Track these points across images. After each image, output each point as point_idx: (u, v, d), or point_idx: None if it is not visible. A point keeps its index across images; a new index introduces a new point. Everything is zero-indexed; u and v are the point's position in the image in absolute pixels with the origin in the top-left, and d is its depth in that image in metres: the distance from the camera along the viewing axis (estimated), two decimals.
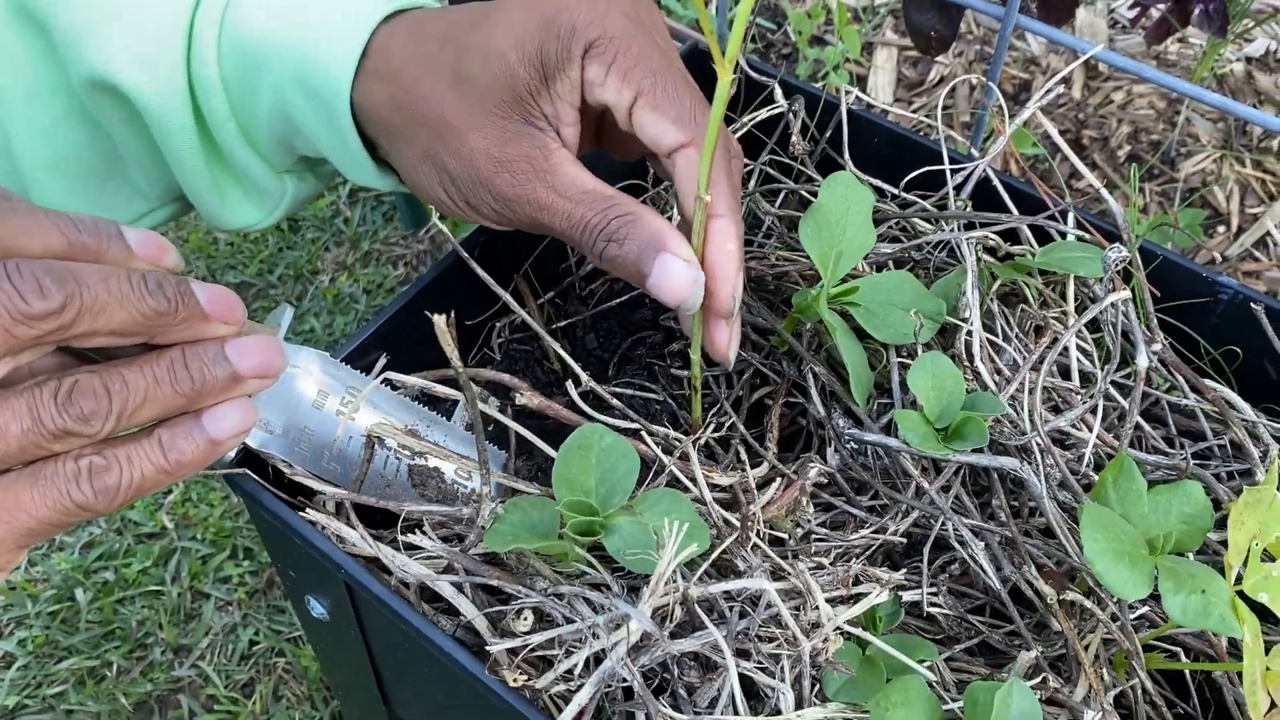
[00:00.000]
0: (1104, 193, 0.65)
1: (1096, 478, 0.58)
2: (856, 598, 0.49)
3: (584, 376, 0.56)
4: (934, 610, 0.52)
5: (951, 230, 0.62)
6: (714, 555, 0.49)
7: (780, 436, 0.61)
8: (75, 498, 0.41)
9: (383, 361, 0.64)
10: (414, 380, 0.55)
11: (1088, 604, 0.50)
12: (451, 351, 0.43)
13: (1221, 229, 1.14)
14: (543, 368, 0.71)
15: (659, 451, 0.54)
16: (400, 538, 0.53)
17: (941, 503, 0.53)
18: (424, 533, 0.54)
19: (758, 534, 0.52)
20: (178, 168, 0.59)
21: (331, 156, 0.58)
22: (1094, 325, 0.65)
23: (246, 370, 0.45)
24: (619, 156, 0.60)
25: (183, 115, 0.57)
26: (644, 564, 0.48)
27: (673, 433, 0.56)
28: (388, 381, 0.59)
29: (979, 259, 0.63)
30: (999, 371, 0.59)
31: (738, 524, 0.52)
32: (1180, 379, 0.61)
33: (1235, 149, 1.17)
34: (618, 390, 0.64)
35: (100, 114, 0.58)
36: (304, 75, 0.54)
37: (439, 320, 0.42)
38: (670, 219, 0.56)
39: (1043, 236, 0.66)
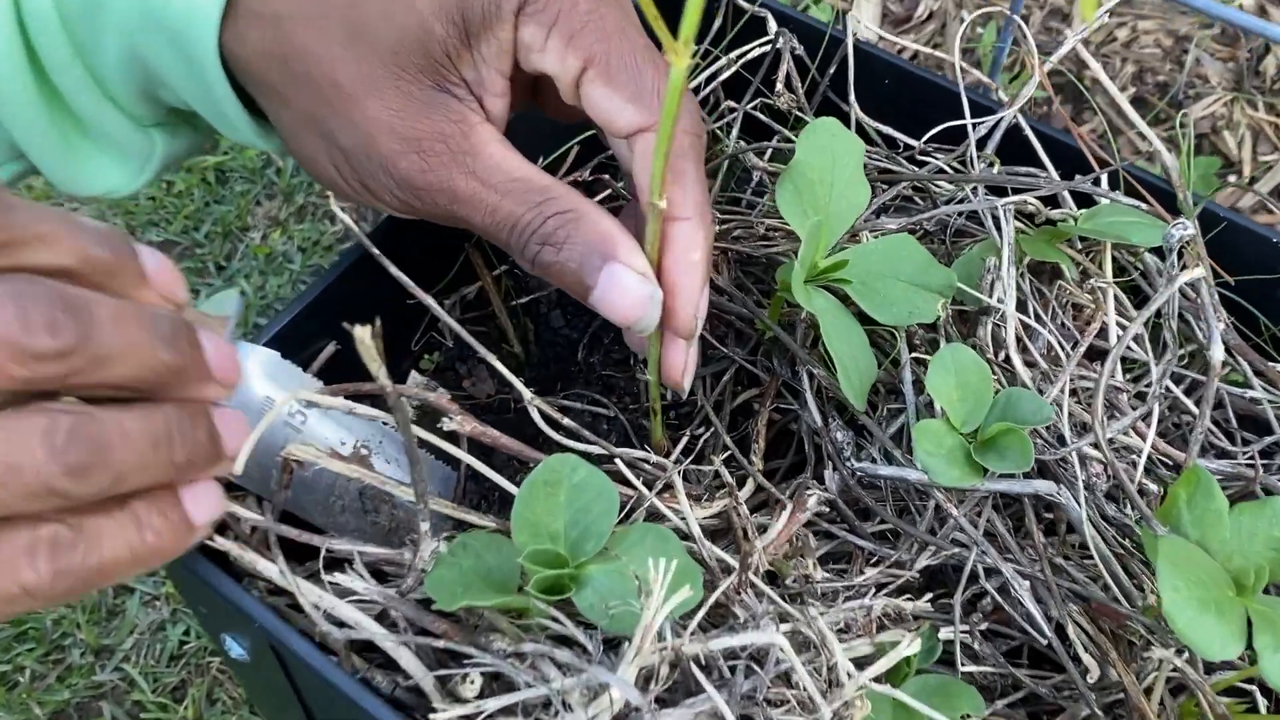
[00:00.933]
0: (1158, 144, 0.56)
1: (1150, 487, 0.49)
2: (879, 648, 0.40)
3: (527, 394, 0.46)
4: (970, 667, 0.44)
5: (978, 196, 0.53)
6: (709, 601, 0.40)
7: (766, 444, 0.52)
8: (25, 578, 0.32)
9: (329, 350, 0.54)
10: (335, 401, 0.45)
11: (1171, 657, 0.42)
12: (378, 369, 0.33)
13: (1232, 178, 1.05)
14: (500, 351, 0.61)
15: (639, 484, 0.44)
16: (326, 576, 0.44)
17: (974, 533, 0.44)
18: (354, 570, 0.44)
19: (756, 573, 0.42)
20: (12, 122, 0.47)
21: (201, 111, 0.47)
22: (1137, 299, 0.56)
23: (230, 448, 0.37)
24: (559, 120, 0.50)
25: (9, 57, 0.45)
26: (625, 621, 0.38)
27: (652, 457, 0.46)
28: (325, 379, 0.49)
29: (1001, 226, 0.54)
30: (1031, 363, 0.50)
31: (733, 562, 0.43)
32: (1244, 364, 0.52)
33: (1247, 91, 1.09)
34: (568, 404, 0.54)
35: None
36: (156, 12, 0.43)
37: (362, 333, 0.32)
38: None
39: (1080, 196, 0.57)
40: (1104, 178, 0.55)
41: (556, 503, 0.41)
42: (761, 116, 0.64)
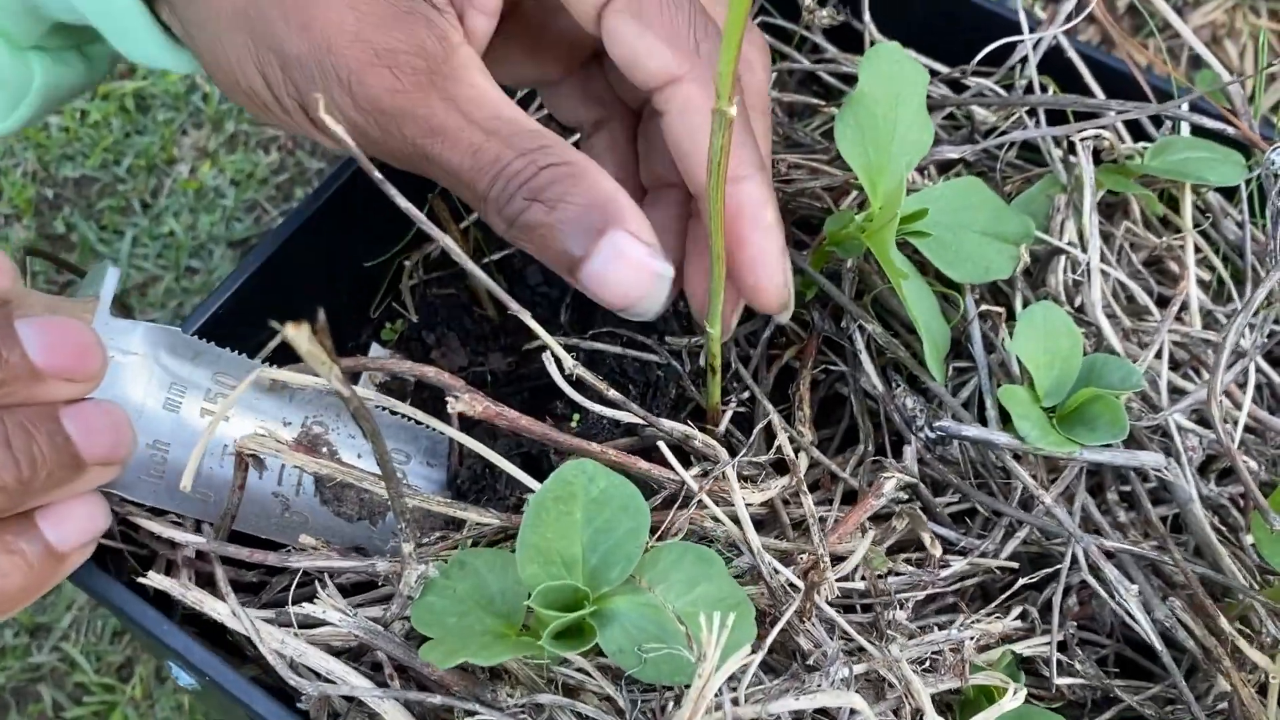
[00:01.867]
0: (1217, 66, 0.50)
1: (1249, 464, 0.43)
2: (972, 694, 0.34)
3: (568, 361, 0.38)
4: (1063, 680, 0.38)
5: (1040, 125, 0.46)
6: (769, 639, 0.33)
7: (813, 411, 0.45)
8: None
9: (276, 339, 0.46)
10: (298, 378, 0.37)
11: None
12: (329, 372, 0.25)
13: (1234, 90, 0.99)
14: (472, 316, 0.53)
15: (688, 476, 0.37)
16: (294, 609, 0.36)
17: (1068, 522, 0.38)
18: (326, 597, 0.37)
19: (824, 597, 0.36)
20: None
21: (94, 19, 0.38)
22: (1211, 242, 0.50)
23: (94, 454, 0.31)
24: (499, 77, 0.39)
25: None
26: (662, 667, 0.32)
27: (699, 435, 0.39)
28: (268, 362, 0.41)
29: (1068, 162, 0.47)
30: (1111, 315, 0.44)
31: (793, 577, 0.36)
32: None
33: None
34: (597, 345, 0.46)
35: None
36: None
37: (296, 335, 0.24)
38: None
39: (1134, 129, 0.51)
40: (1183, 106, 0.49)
41: (572, 522, 0.34)
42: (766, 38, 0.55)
